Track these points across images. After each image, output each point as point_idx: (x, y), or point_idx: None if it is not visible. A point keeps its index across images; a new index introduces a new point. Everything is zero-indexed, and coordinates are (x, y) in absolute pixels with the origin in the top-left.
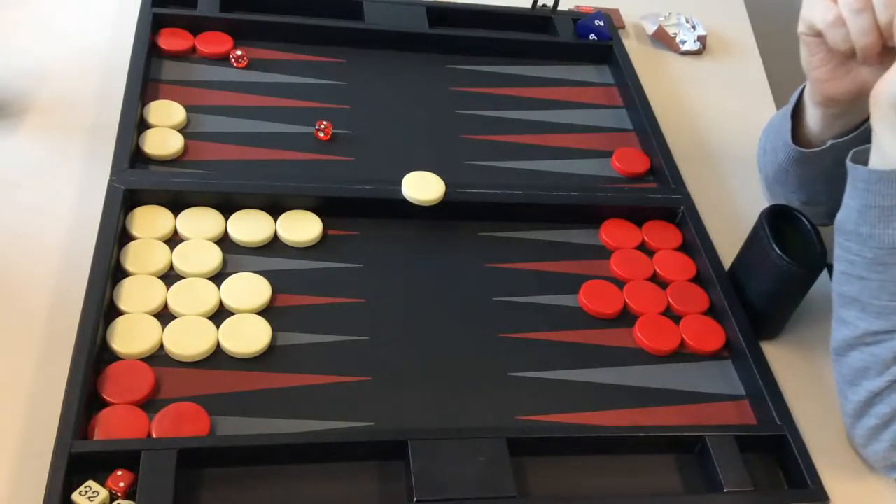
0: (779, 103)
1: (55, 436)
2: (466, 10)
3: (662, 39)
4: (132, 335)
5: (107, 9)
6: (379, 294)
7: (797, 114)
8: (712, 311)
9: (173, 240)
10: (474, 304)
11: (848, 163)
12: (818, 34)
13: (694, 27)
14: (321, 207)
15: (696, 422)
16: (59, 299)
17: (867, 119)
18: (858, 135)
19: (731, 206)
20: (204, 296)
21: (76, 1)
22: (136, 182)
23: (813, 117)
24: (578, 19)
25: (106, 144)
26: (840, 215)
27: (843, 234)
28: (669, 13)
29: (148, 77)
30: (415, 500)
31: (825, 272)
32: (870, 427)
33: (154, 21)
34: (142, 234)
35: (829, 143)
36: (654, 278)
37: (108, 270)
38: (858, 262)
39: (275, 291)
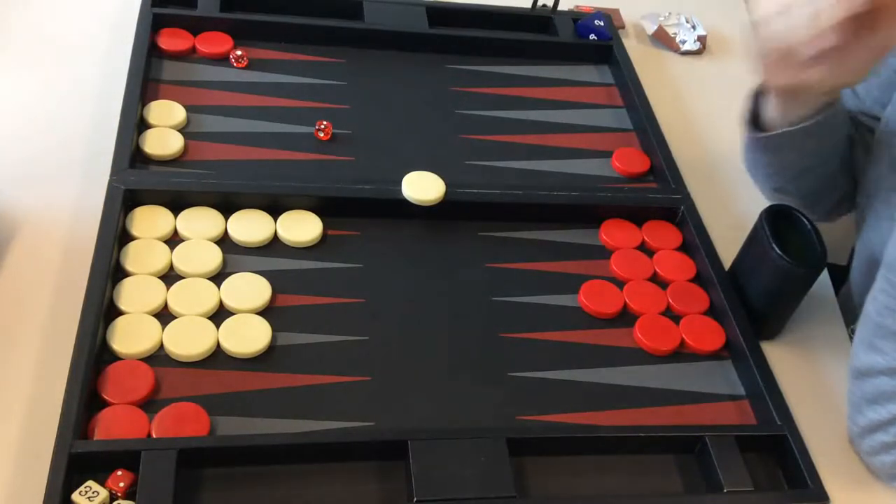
0: None
1: (55, 436)
2: (466, 10)
3: (662, 39)
4: (132, 335)
5: (107, 9)
6: (379, 294)
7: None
8: (712, 311)
9: (173, 240)
10: (474, 304)
11: None
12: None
13: (694, 27)
14: (321, 207)
15: (696, 422)
16: (59, 299)
17: (820, 111)
18: (808, 126)
19: (731, 206)
20: (204, 296)
21: (76, 1)
22: (136, 182)
23: (770, 102)
24: (578, 19)
25: (106, 144)
26: (891, 252)
27: (893, 271)
28: (669, 13)
29: (148, 77)
30: (415, 500)
31: (825, 272)
32: (883, 442)
33: (154, 21)
34: (142, 234)
35: (780, 130)
36: (654, 278)
37: (108, 270)
38: None
39: (275, 291)
